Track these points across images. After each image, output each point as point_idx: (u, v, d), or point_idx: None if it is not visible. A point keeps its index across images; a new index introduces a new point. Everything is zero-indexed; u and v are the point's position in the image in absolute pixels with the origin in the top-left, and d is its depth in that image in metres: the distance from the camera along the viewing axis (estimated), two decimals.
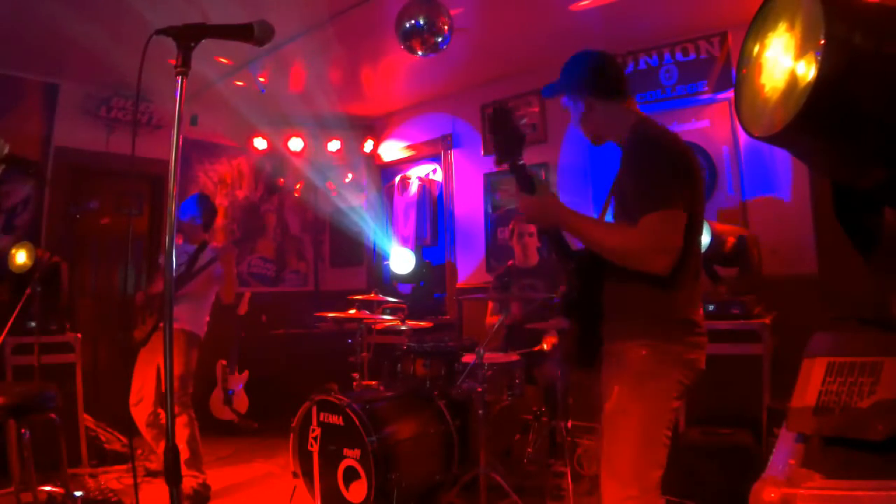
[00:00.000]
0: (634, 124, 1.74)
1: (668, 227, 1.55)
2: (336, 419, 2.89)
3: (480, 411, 2.86)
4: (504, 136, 1.74)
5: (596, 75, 1.78)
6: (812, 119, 0.99)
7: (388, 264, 5.78)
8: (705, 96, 4.02)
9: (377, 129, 6.13)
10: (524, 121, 4.88)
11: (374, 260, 6.14)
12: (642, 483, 1.59)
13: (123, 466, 3.76)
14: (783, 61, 1.09)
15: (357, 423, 2.76)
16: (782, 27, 1.11)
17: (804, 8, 1.04)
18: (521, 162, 1.75)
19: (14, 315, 3.17)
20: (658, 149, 1.63)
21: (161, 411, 3.36)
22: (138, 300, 3.51)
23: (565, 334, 1.91)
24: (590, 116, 1.80)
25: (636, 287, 1.62)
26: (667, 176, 1.59)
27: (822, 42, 0.95)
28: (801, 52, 1.04)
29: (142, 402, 3.36)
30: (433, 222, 5.83)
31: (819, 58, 0.95)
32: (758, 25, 1.19)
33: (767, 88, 1.14)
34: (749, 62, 1.20)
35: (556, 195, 1.71)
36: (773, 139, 1.09)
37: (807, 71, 1.00)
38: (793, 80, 1.04)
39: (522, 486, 3.10)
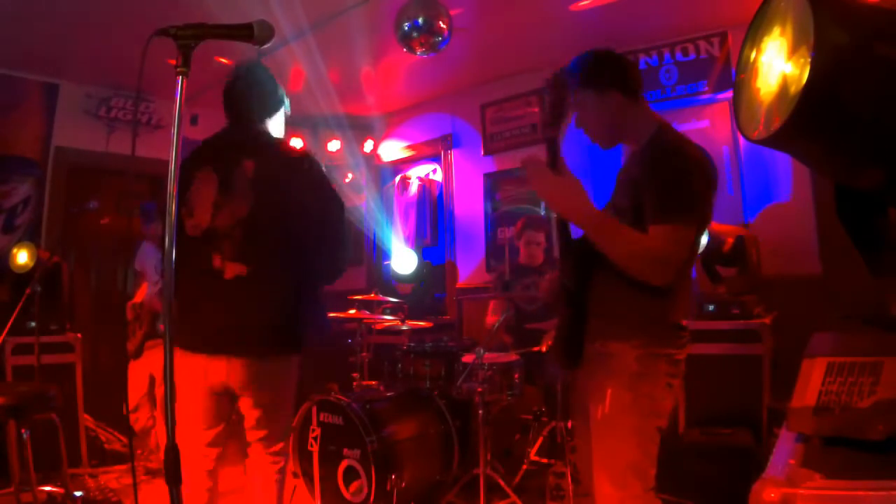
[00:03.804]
0: (657, 131, 1.69)
1: (676, 242, 1.54)
2: (336, 419, 2.89)
3: (480, 411, 2.86)
4: (554, 102, 1.68)
5: (625, 73, 1.74)
6: (804, 121, 0.99)
7: (388, 264, 5.78)
8: (705, 96, 4.02)
9: (377, 129, 6.12)
10: (524, 121, 4.88)
11: (374, 260, 6.13)
12: (643, 482, 1.60)
13: (123, 466, 3.75)
14: (777, 64, 1.09)
15: (357, 423, 2.76)
16: (776, 31, 1.11)
17: (795, 10, 1.04)
18: (556, 137, 1.68)
19: (14, 315, 3.18)
20: (683, 160, 1.60)
21: (158, 414, 3.56)
22: (129, 314, 3.63)
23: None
24: (614, 114, 1.73)
25: (633, 288, 1.59)
26: (687, 190, 1.56)
27: (812, 44, 0.95)
28: (792, 55, 1.04)
29: (139, 409, 3.56)
30: (433, 222, 5.82)
31: (809, 60, 0.96)
32: (754, 29, 1.19)
33: (762, 92, 1.14)
34: (746, 67, 1.20)
35: (580, 182, 1.62)
36: (769, 142, 1.09)
37: (798, 73, 1.00)
38: (785, 83, 1.04)
39: (522, 486, 3.10)
